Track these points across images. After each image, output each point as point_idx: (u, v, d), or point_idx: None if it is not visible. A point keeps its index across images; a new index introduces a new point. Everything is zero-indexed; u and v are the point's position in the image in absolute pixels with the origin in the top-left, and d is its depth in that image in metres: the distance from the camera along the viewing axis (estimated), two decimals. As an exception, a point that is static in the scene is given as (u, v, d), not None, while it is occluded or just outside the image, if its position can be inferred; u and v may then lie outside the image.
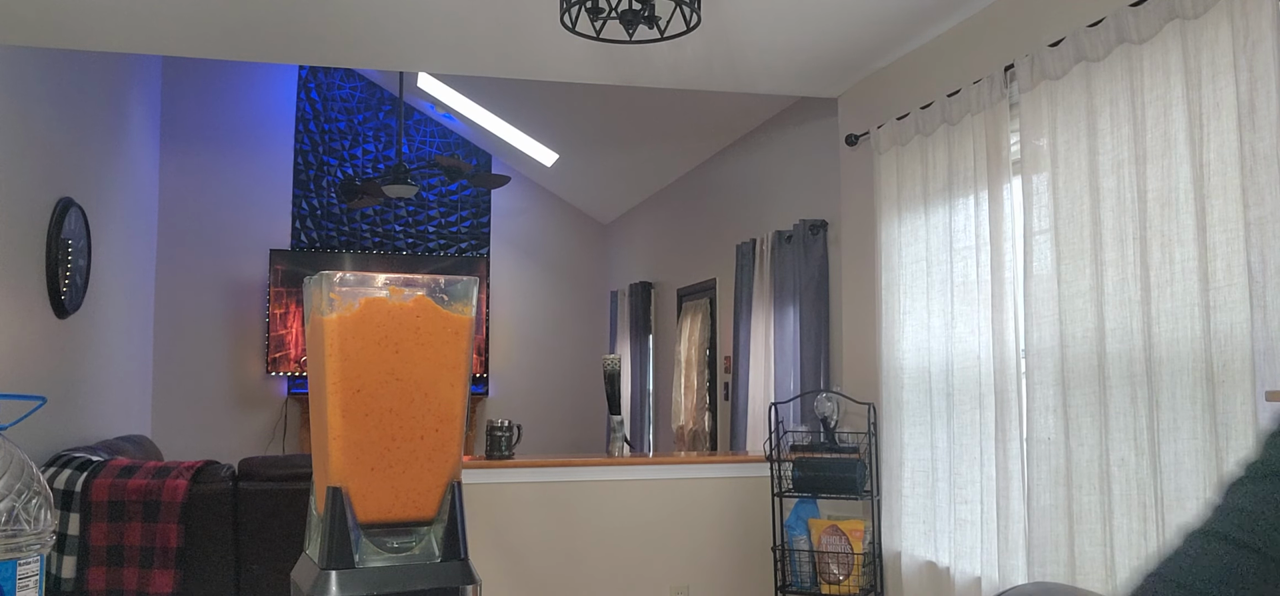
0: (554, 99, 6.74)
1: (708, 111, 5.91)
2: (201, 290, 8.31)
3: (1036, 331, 3.01)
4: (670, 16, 2.81)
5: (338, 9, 3.64)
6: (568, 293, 9.40)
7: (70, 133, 5.42)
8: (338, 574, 1.73)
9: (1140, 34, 2.65)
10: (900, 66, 4.04)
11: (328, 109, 8.78)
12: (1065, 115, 2.94)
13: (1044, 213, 3.01)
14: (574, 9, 2.77)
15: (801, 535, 4.07)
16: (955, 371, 3.47)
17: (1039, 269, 3.02)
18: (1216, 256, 2.41)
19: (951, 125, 3.52)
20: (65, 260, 5.22)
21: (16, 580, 1.07)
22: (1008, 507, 3.16)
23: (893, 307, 3.87)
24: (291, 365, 8.41)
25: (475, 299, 1.89)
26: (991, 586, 3.27)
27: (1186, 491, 2.48)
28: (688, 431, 6.79)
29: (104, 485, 4.57)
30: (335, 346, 1.76)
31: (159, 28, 3.81)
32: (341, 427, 1.77)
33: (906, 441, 3.77)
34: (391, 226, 8.91)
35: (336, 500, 1.76)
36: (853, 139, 4.31)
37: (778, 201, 5.62)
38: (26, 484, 1.09)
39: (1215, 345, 2.40)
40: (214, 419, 8.31)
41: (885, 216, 3.94)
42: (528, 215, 9.29)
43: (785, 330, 5.12)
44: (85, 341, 5.72)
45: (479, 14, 3.68)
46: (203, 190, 8.37)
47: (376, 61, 4.23)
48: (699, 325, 6.79)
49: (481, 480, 4.20)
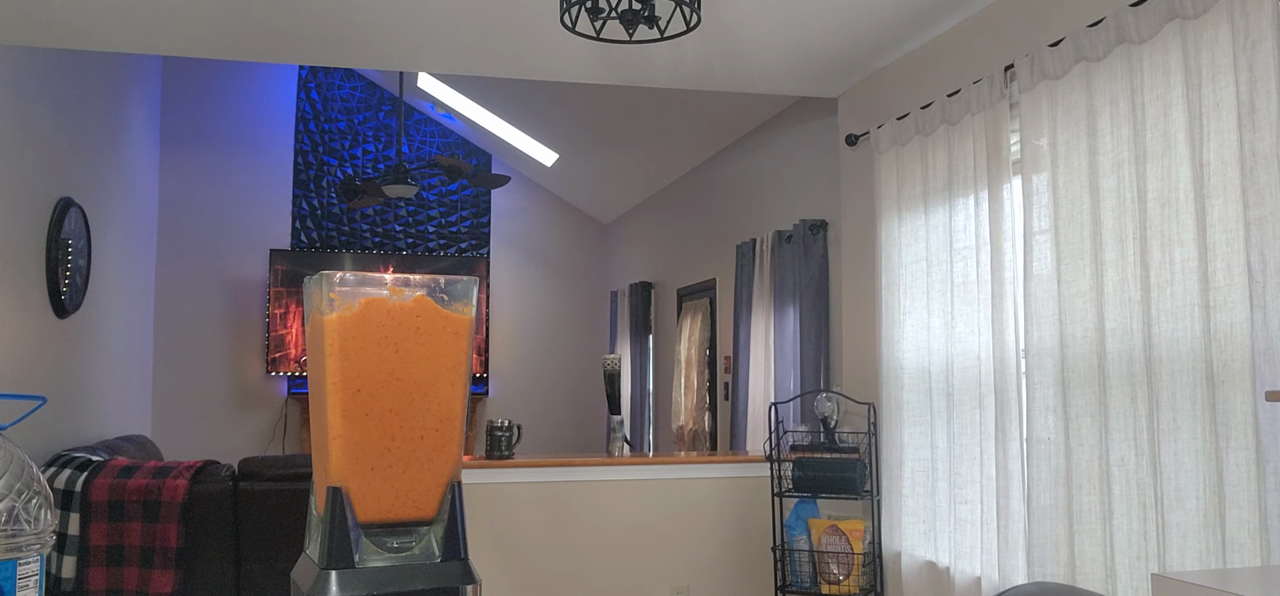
0: (554, 99, 6.74)
1: (708, 111, 5.92)
2: (201, 290, 8.32)
3: (1036, 331, 3.01)
4: (670, 16, 2.81)
5: (338, 9, 3.64)
6: (568, 293, 9.40)
7: (70, 133, 5.42)
8: (338, 573, 1.73)
9: (1140, 34, 2.65)
10: (900, 66, 4.04)
11: (328, 109, 8.78)
12: (1065, 115, 2.94)
13: (1044, 213, 3.01)
14: (574, 9, 2.77)
15: (801, 535, 4.07)
16: (955, 371, 3.47)
17: (1039, 269, 3.02)
18: (1216, 256, 2.41)
19: (951, 125, 3.53)
20: (65, 260, 5.22)
21: (16, 580, 1.07)
22: (1008, 507, 3.16)
23: (893, 308, 3.87)
24: (291, 365, 8.41)
25: (475, 299, 1.89)
26: (991, 586, 3.27)
27: (1186, 491, 2.48)
28: (688, 431, 6.79)
29: (104, 485, 4.57)
30: (335, 346, 1.76)
31: (159, 28, 3.81)
32: (341, 427, 1.77)
33: (906, 441, 3.77)
34: (391, 226, 8.91)
35: (336, 500, 1.76)
36: (853, 139, 4.31)
37: (778, 201, 5.62)
38: (26, 484, 1.10)
39: (1215, 345, 2.40)
40: (214, 419, 8.31)
41: (885, 216, 3.94)
42: (528, 215, 9.29)
43: (785, 330, 5.12)
44: (85, 341, 5.72)
45: (479, 14, 3.68)
46: (203, 190, 8.37)
47: (376, 61, 4.23)
48: (699, 325, 6.79)
49: (481, 480, 4.20)
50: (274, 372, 8.38)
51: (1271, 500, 2.25)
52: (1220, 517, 2.38)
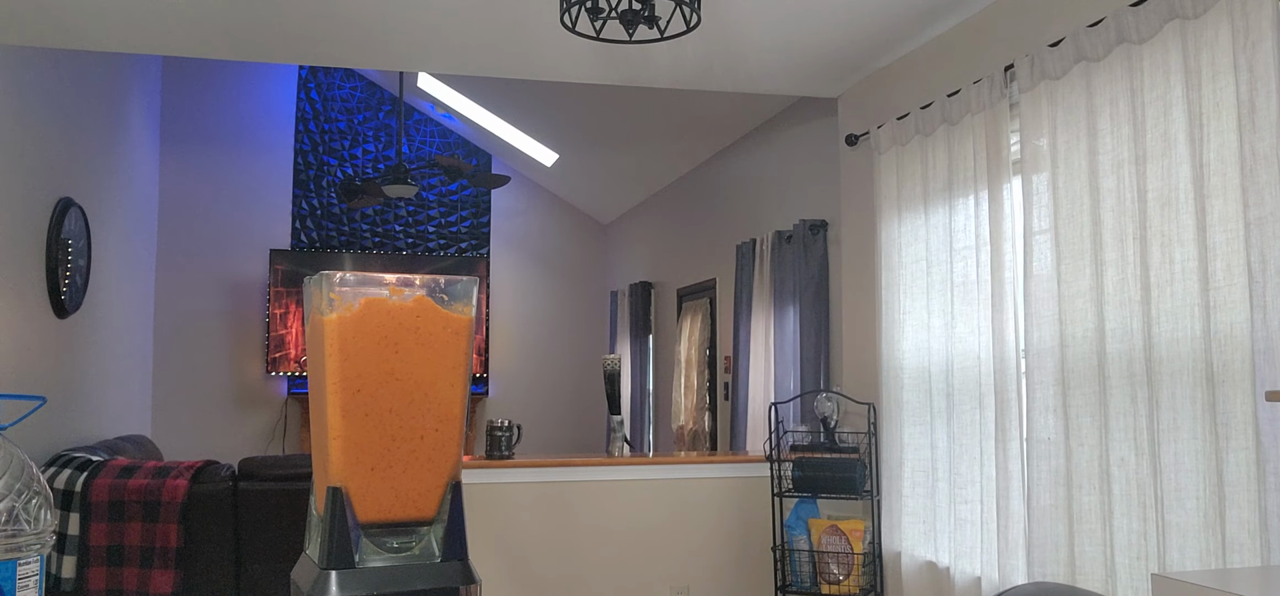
0: (554, 99, 6.74)
1: (708, 111, 5.91)
2: (201, 290, 8.32)
3: (1036, 331, 3.01)
4: (670, 16, 2.81)
5: (338, 9, 3.64)
6: (568, 293, 9.40)
7: (70, 133, 5.42)
8: (338, 574, 1.73)
9: (1140, 34, 2.65)
10: (900, 66, 4.04)
11: (328, 109, 8.78)
12: (1065, 115, 2.94)
13: (1044, 213, 3.01)
14: (574, 9, 2.77)
15: (801, 535, 4.07)
16: (955, 371, 3.47)
17: (1039, 269, 3.02)
18: (1216, 256, 2.41)
19: (951, 125, 3.53)
20: (65, 260, 5.22)
21: (16, 580, 1.07)
22: (1008, 507, 3.16)
23: (893, 307, 3.87)
24: (291, 365, 8.41)
25: (475, 299, 1.89)
26: (991, 586, 3.27)
27: (1186, 491, 2.48)
28: (688, 431, 6.79)
29: (104, 485, 4.57)
30: (335, 346, 1.76)
31: (159, 28, 3.81)
32: (341, 427, 1.77)
33: (906, 441, 3.77)
34: (391, 226, 8.91)
35: (336, 500, 1.76)
36: (853, 139, 4.31)
37: (778, 201, 5.62)
38: (26, 484, 1.10)
39: (1215, 345, 2.40)
40: (214, 419, 8.31)
41: (885, 216, 3.94)
42: (528, 215, 9.29)
43: (785, 330, 5.12)
44: (85, 341, 5.72)
45: (479, 14, 3.68)
46: (203, 190, 8.37)
47: (376, 61, 4.23)
48: (699, 325, 6.79)
49: (481, 480, 4.20)
50: (274, 372, 8.38)
51: (1271, 500, 2.25)
52: (1220, 517, 2.38)
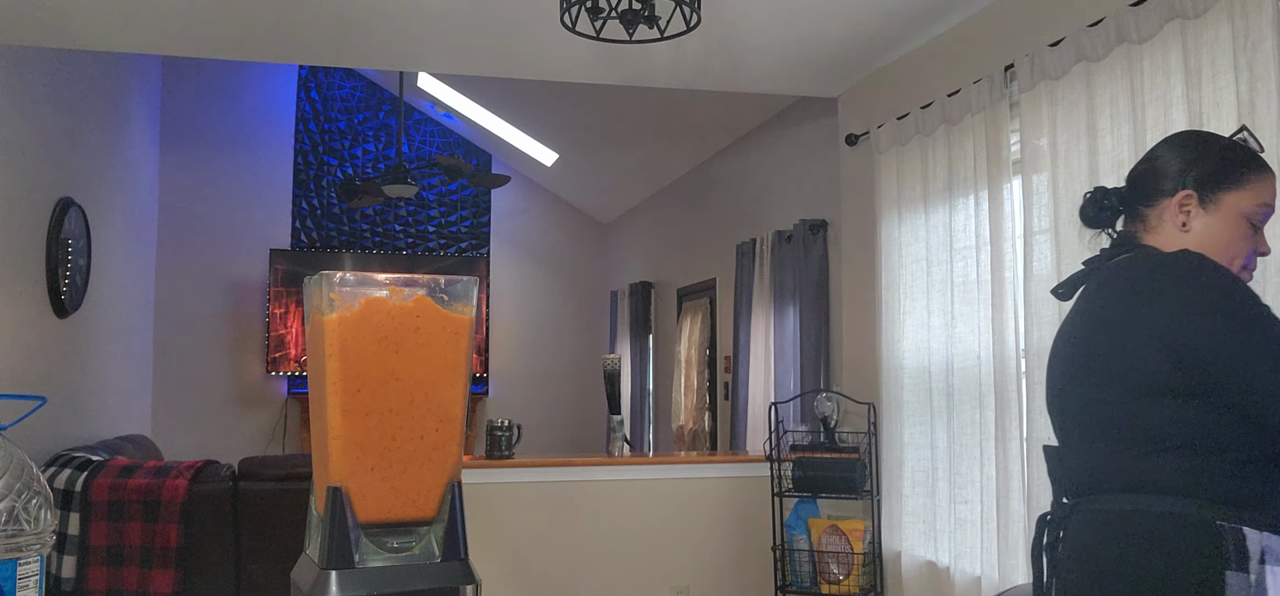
0: (554, 99, 6.74)
1: (708, 111, 5.91)
2: (201, 290, 8.31)
3: (1036, 331, 3.01)
4: (670, 16, 2.81)
5: (338, 9, 3.64)
6: (568, 292, 9.40)
7: (70, 133, 5.42)
8: (338, 574, 1.73)
9: (1140, 34, 2.65)
10: (900, 66, 4.04)
11: (328, 109, 8.78)
12: (1065, 115, 2.94)
13: (1044, 212, 3.01)
14: (574, 9, 2.77)
15: (801, 535, 4.07)
16: (955, 371, 3.47)
17: (1039, 269, 3.02)
18: (1216, 256, 2.40)
19: (951, 125, 3.52)
20: (65, 260, 5.22)
21: (16, 580, 1.07)
22: (1008, 507, 3.16)
23: (893, 307, 3.87)
24: (291, 365, 8.41)
25: (475, 299, 1.89)
26: (991, 586, 3.27)
27: (1186, 491, 2.47)
28: (688, 431, 6.79)
29: (104, 485, 4.57)
30: (335, 346, 1.76)
31: (159, 28, 3.81)
32: (341, 427, 1.77)
33: (906, 441, 3.77)
34: (391, 226, 8.91)
35: (336, 500, 1.76)
36: (853, 139, 4.31)
37: (778, 201, 5.62)
38: (26, 484, 1.10)
39: (1215, 345, 2.39)
40: (214, 419, 8.31)
41: (885, 216, 3.94)
42: (528, 215, 9.29)
43: (785, 330, 5.12)
44: (85, 341, 5.72)
45: (479, 14, 3.68)
46: (203, 190, 8.37)
47: (376, 61, 4.23)
48: (699, 325, 6.79)
49: (481, 480, 4.20)
50: (274, 372, 8.38)
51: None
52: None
